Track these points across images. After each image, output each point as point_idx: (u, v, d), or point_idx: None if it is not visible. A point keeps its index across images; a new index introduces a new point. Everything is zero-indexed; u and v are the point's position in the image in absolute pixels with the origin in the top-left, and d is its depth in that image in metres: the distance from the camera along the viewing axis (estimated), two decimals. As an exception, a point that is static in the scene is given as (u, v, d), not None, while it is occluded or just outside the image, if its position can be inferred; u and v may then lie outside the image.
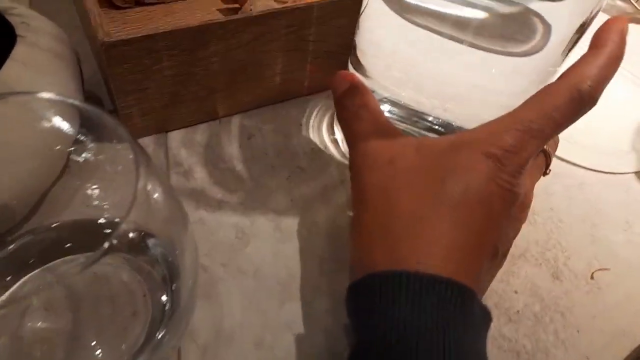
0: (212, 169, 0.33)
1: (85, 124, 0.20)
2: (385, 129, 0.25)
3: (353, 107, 0.26)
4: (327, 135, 0.36)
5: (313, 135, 0.36)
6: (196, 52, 0.30)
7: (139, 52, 0.28)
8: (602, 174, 0.38)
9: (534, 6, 0.23)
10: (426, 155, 0.23)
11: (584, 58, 0.23)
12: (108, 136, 0.21)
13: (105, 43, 0.26)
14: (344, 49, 0.36)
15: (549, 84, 0.23)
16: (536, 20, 0.23)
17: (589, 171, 0.38)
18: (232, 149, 0.34)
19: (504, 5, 0.23)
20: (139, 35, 0.27)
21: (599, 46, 0.23)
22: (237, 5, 0.42)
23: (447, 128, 0.29)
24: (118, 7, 0.41)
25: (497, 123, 0.23)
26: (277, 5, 0.37)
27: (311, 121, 0.37)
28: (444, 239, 0.21)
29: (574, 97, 0.22)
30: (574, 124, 0.23)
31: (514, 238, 0.25)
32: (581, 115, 0.23)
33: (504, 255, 0.25)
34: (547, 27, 0.23)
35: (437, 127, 0.30)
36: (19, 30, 0.26)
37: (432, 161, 0.23)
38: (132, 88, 0.29)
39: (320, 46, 0.35)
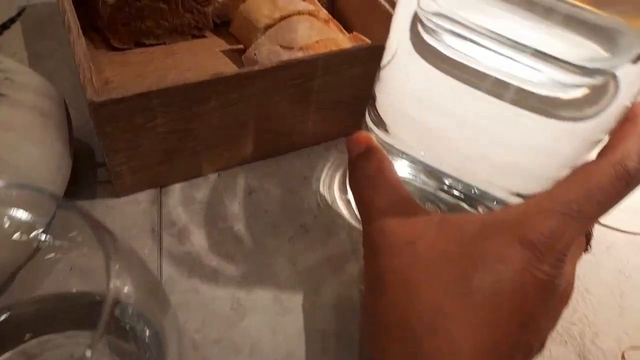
0: (209, 229, 0.30)
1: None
2: (405, 203, 0.23)
3: (368, 171, 0.24)
4: (338, 193, 0.34)
5: (323, 191, 0.33)
6: (194, 108, 0.28)
7: (131, 111, 0.25)
8: (631, 235, 0.35)
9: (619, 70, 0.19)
10: (451, 239, 0.20)
11: (620, 133, 0.21)
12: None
13: (94, 103, 0.24)
14: (355, 99, 0.34)
15: (588, 162, 0.21)
16: (612, 83, 0.20)
17: (617, 232, 0.35)
18: (232, 206, 0.32)
19: (588, 79, 0.19)
20: (132, 93, 0.25)
21: (631, 118, 0.21)
22: (241, 47, 0.40)
23: (468, 192, 0.27)
24: (117, 48, 0.39)
25: (533, 203, 0.20)
26: (282, 51, 0.35)
27: (322, 176, 0.34)
28: (471, 341, 0.18)
29: (620, 175, 0.20)
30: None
31: (552, 330, 0.22)
32: (627, 195, 0.20)
33: (539, 349, 0.22)
34: (617, 92, 0.20)
35: (456, 191, 0.27)
36: (2, 88, 0.24)
37: (459, 247, 0.20)
38: (123, 146, 0.27)
39: (327, 97, 0.33)
